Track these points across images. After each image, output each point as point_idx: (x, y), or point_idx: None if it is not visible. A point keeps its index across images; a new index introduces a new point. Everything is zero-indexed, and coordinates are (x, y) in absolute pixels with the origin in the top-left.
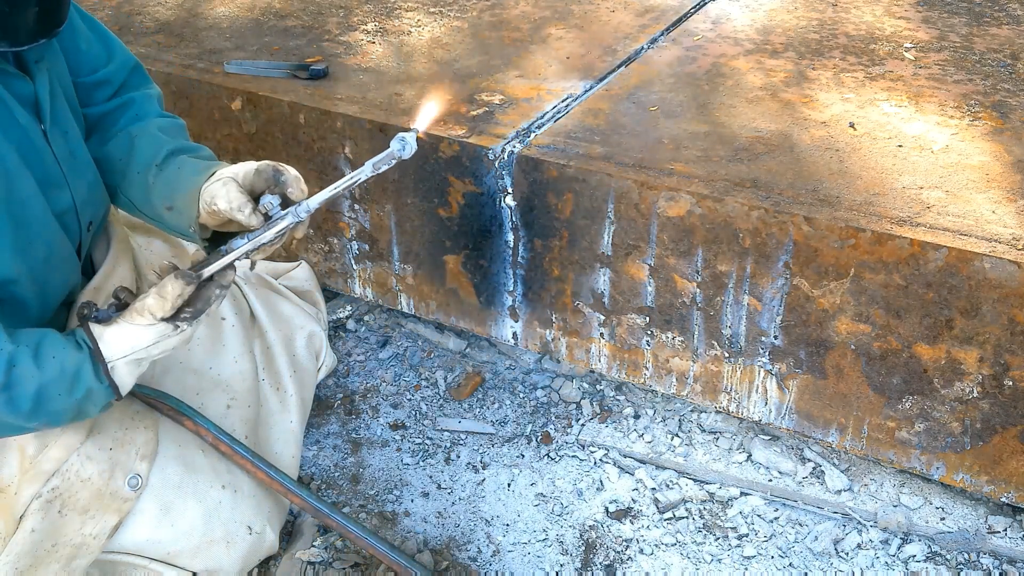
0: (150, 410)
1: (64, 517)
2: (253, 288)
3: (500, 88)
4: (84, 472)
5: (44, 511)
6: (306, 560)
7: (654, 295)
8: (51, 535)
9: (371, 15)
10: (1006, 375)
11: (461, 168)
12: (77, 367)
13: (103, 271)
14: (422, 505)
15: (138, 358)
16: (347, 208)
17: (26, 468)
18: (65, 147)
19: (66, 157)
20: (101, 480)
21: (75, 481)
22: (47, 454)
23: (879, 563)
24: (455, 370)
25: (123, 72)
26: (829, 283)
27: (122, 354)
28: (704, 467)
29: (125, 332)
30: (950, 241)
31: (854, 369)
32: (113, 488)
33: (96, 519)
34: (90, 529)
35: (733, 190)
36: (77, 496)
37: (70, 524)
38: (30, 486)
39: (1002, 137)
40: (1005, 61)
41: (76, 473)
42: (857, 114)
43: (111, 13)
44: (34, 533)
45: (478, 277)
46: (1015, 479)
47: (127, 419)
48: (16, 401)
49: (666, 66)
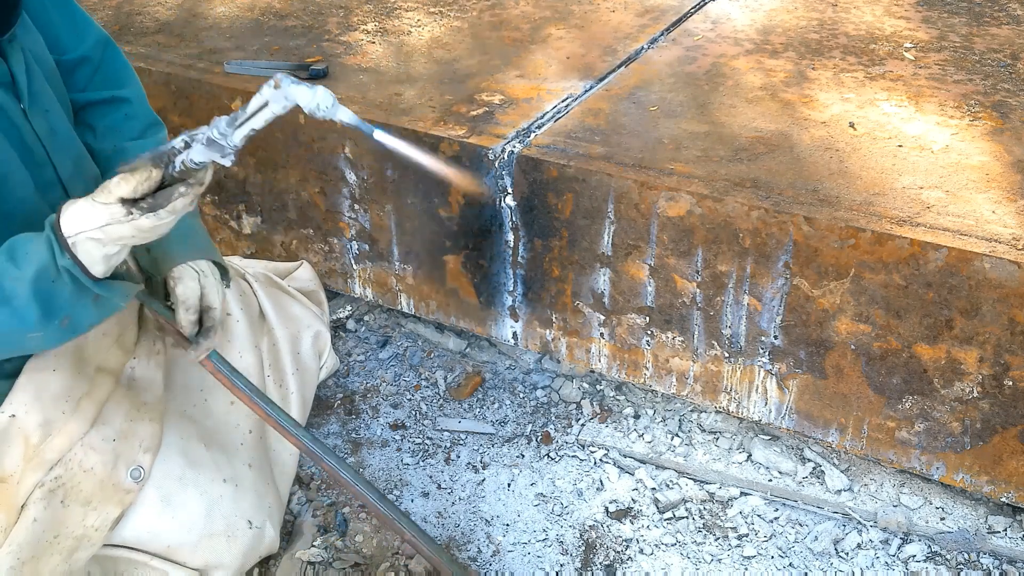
0: (156, 402)
1: (67, 508)
2: (262, 286)
3: (500, 88)
4: (87, 462)
5: (47, 500)
6: (306, 560)
7: (654, 295)
8: (53, 526)
9: (371, 15)
10: (1006, 375)
11: (461, 168)
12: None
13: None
14: (422, 505)
15: (94, 238)
16: (347, 208)
17: (29, 456)
18: (46, 125)
19: (48, 135)
20: (104, 471)
21: (78, 471)
22: (50, 443)
23: (879, 563)
24: (455, 370)
25: (99, 49)
26: (829, 283)
27: (77, 230)
28: (704, 467)
29: (83, 208)
30: (950, 241)
31: (854, 369)
32: (115, 479)
33: (98, 510)
34: (92, 520)
35: (733, 190)
36: (80, 486)
37: (72, 515)
38: (33, 474)
39: (1002, 137)
40: (1005, 61)
41: (79, 463)
42: (857, 114)
43: (111, 13)
44: (36, 523)
45: (478, 277)
46: (1015, 479)
47: (133, 411)
48: (21, 311)
49: (666, 66)
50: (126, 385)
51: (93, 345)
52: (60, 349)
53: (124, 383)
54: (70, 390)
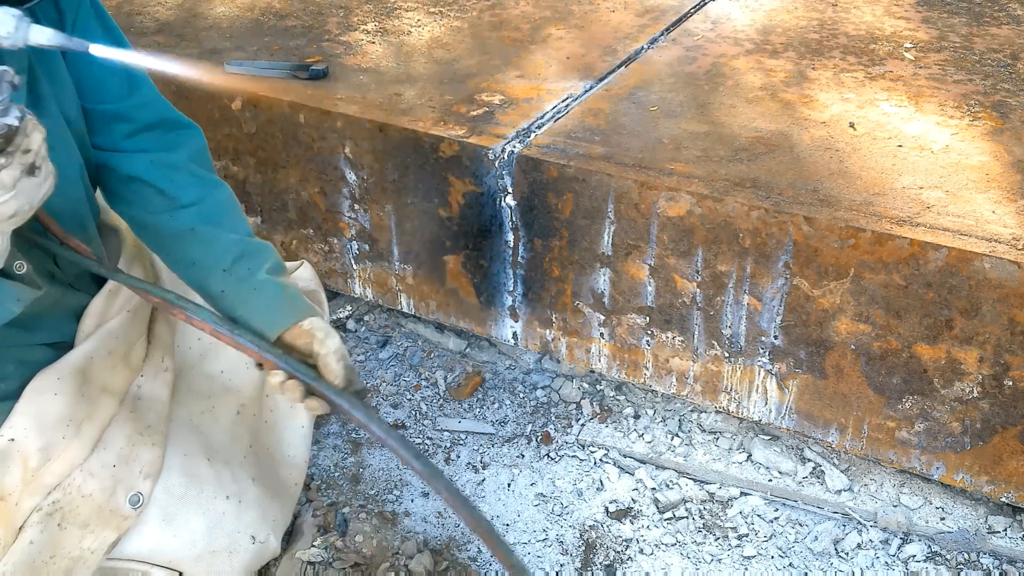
0: (160, 423)
1: (64, 531)
2: None
3: (500, 88)
4: (86, 488)
5: (44, 524)
6: (306, 560)
7: (654, 295)
8: (49, 547)
9: (371, 15)
10: (1006, 375)
11: (461, 168)
12: None
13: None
14: (422, 505)
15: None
16: (347, 208)
17: (28, 480)
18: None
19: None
20: (102, 497)
21: (76, 496)
22: (49, 468)
23: (879, 563)
24: (455, 370)
25: (146, 113)
26: (829, 283)
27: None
28: (704, 467)
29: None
30: (950, 241)
31: (854, 369)
32: (113, 505)
33: (95, 534)
34: (89, 543)
35: (733, 190)
36: (77, 511)
37: (69, 537)
38: (31, 498)
39: (1002, 137)
40: (1005, 61)
41: (77, 488)
42: (857, 114)
43: (111, 13)
44: (32, 545)
45: (478, 277)
46: (1015, 479)
47: (135, 435)
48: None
49: (666, 66)
50: (130, 405)
51: (99, 365)
52: (64, 371)
53: (129, 403)
54: (71, 414)
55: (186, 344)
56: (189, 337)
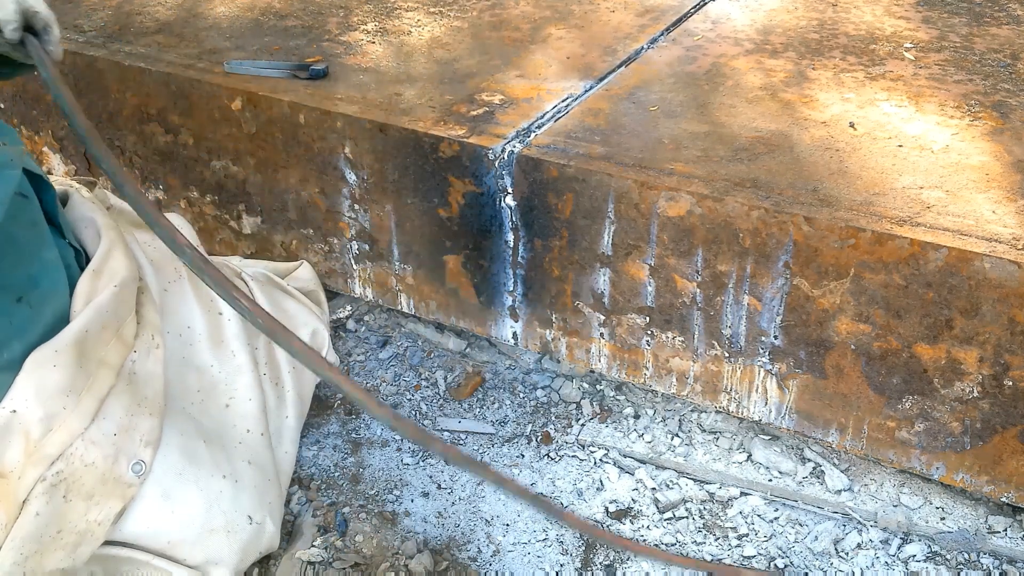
0: (156, 397)
1: (69, 503)
2: (259, 285)
3: (500, 88)
4: (88, 456)
5: (49, 495)
6: (306, 560)
7: (654, 295)
8: (56, 520)
9: (371, 15)
10: (1006, 375)
11: (461, 168)
12: None
13: (100, 254)
14: (422, 505)
15: None
16: (347, 208)
17: (30, 452)
18: None
19: None
20: (105, 465)
21: (79, 466)
22: (51, 438)
23: (879, 563)
24: (455, 370)
25: None
26: (829, 283)
27: None
28: (704, 467)
29: None
30: (950, 241)
31: (854, 369)
32: (117, 473)
33: (100, 505)
34: (94, 515)
35: (733, 190)
36: (82, 481)
37: (75, 509)
38: (34, 469)
39: (1002, 137)
40: (1005, 61)
41: (80, 458)
42: (857, 114)
43: (111, 13)
44: (39, 517)
45: (478, 277)
46: (1015, 479)
47: (133, 405)
48: None
49: (666, 66)
50: (127, 379)
51: (94, 338)
52: (61, 345)
53: (125, 376)
54: (71, 384)
55: (176, 331)
56: (180, 326)
